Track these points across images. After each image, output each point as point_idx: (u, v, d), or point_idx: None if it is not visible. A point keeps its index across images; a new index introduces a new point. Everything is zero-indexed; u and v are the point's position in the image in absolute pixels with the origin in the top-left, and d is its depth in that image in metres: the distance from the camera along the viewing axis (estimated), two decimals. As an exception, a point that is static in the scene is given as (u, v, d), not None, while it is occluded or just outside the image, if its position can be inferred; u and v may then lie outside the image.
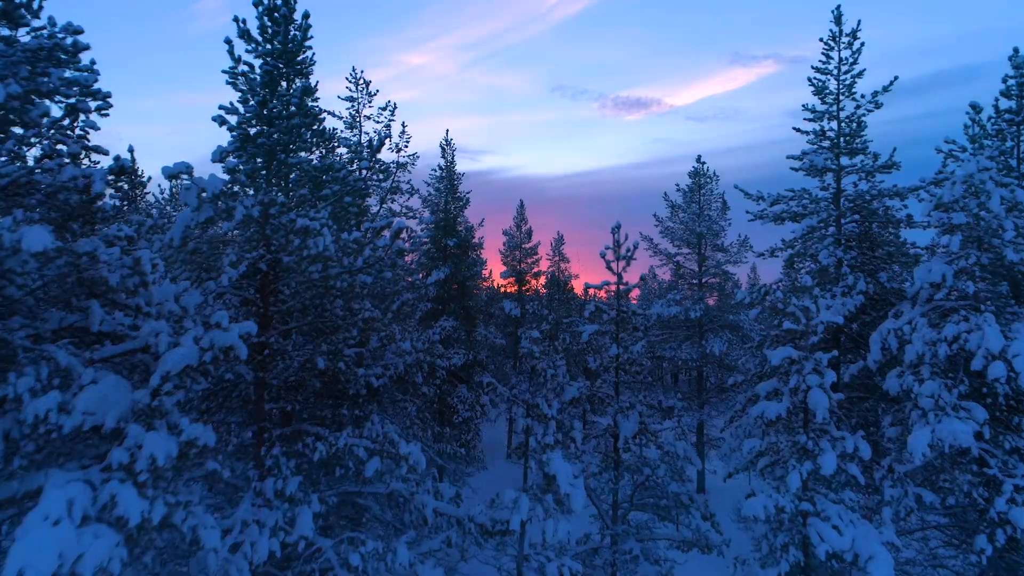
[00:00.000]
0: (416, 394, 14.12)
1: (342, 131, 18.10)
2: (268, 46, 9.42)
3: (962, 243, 11.36)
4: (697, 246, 29.24)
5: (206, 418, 10.03)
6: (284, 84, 11.03)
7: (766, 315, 15.42)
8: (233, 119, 9.46)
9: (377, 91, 18.29)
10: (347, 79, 18.15)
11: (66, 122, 8.09)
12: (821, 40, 15.67)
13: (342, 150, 17.72)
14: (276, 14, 8.99)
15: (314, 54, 13.20)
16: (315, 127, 11.15)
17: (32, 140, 7.89)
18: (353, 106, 18.25)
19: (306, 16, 10.41)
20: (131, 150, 13.72)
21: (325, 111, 18.19)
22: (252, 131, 8.98)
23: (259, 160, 9.13)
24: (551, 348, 28.36)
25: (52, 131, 8.03)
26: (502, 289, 38.19)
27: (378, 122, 18.16)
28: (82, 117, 8.02)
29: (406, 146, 18.51)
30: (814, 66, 15.71)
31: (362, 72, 18.07)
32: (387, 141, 18.21)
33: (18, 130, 7.41)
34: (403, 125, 18.32)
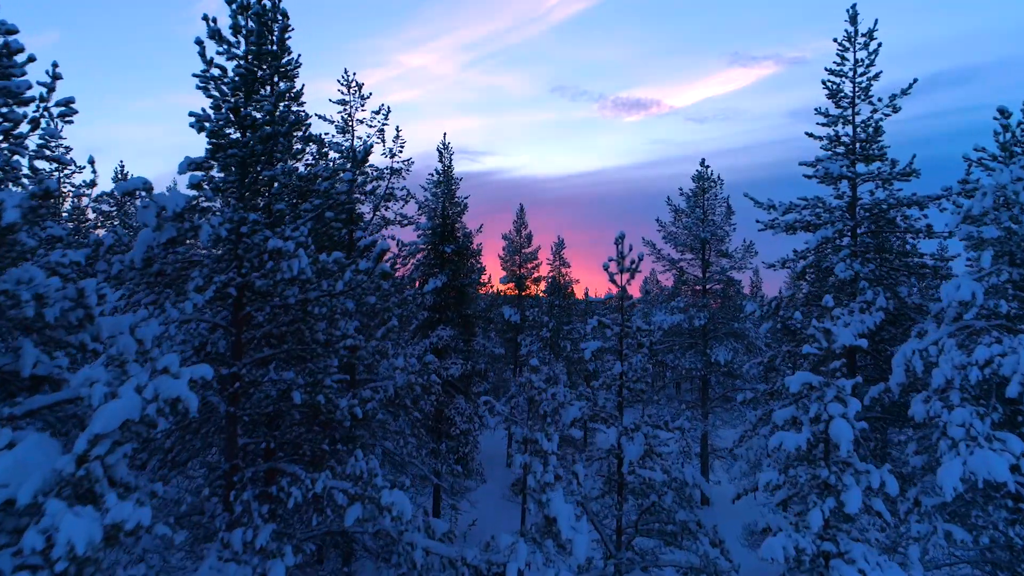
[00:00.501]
0: (408, 417, 13.28)
1: (333, 135, 17.29)
2: (243, 47, 8.61)
3: (993, 258, 10.55)
4: (701, 251, 28.45)
5: (179, 448, 9.23)
6: (267, 88, 10.21)
7: (779, 333, 14.57)
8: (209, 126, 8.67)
9: (370, 94, 17.46)
10: (339, 81, 17.34)
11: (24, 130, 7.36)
12: (835, 40, 14.86)
13: (334, 155, 16.94)
14: (250, 11, 8.17)
15: (299, 56, 12.41)
16: (299, 133, 10.35)
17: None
18: (345, 109, 17.43)
19: (284, 15, 9.62)
20: (91, 161, 12.83)
21: (318, 115, 17.43)
22: (224, 140, 8.17)
23: (234, 171, 8.32)
24: (551, 357, 27.53)
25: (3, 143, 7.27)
26: (502, 292, 37.42)
27: (371, 126, 17.34)
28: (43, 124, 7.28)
29: (400, 151, 17.70)
30: (828, 68, 14.90)
31: (354, 74, 17.26)
32: (381, 146, 17.40)
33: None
34: (397, 129, 17.52)
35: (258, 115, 8.19)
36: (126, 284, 7.45)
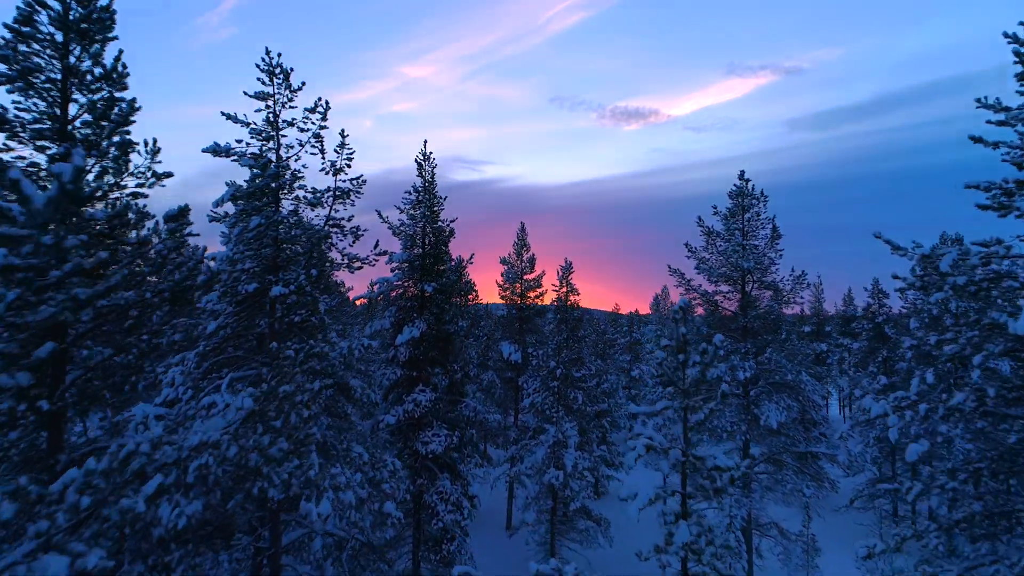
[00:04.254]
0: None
1: (248, 142, 11.46)
2: None
3: None
4: (740, 283, 22.53)
5: None
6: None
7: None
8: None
9: (303, 84, 11.64)
10: (258, 67, 11.50)
11: None
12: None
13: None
14: None
15: (112, 2, 6.59)
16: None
17: None
18: (268, 107, 11.61)
19: None
20: None
21: (224, 114, 11.57)
22: None
23: None
24: (561, 413, 21.55)
25: None
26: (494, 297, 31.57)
27: (303, 129, 11.55)
28: None
29: (348, 164, 11.85)
30: (1008, 33, 9.01)
31: (279, 56, 11.42)
32: (320, 158, 11.55)
33: None
34: (342, 135, 11.66)
35: None
36: None
